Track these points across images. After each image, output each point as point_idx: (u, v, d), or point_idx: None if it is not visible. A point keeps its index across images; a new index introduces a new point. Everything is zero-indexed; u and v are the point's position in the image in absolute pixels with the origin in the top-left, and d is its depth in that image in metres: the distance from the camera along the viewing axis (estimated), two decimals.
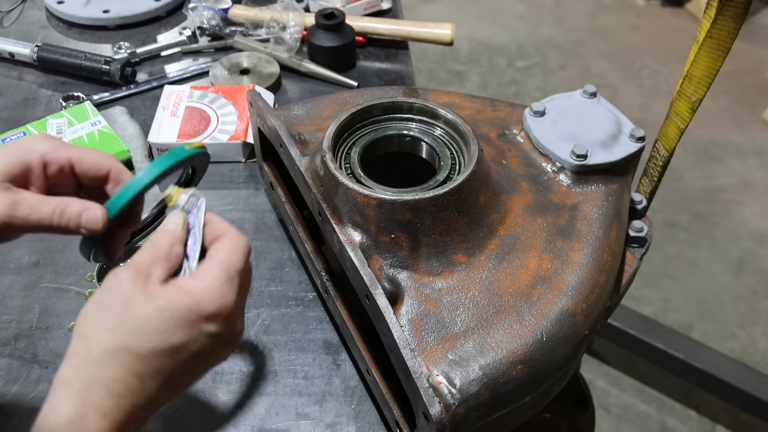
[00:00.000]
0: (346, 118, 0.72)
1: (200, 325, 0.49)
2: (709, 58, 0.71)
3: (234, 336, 0.52)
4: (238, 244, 0.53)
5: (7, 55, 1.13)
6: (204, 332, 0.49)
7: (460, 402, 0.57)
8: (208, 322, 0.49)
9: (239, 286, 0.52)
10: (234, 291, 0.51)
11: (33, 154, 0.55)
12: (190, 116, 0.99)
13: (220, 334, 0.50)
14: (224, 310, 0.50)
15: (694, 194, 2.31)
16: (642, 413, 1.76)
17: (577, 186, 0.75)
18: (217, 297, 0.50)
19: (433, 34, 1.17)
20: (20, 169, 0.54)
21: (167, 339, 0.47)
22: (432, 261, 0.65)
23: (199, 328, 0.49)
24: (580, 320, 0.64)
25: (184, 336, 0.48)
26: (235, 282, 0.51)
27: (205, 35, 1.20)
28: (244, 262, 0.53)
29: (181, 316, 0.48)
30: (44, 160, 0.55)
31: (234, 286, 0.51)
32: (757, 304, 2.00)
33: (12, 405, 0.71)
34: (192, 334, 0.48)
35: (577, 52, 2.91)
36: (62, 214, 0.54)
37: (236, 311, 0.51)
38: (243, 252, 0.53)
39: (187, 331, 0.48)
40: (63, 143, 0.57)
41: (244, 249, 0.53)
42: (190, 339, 0.48)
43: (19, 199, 0.53)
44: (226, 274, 0.51)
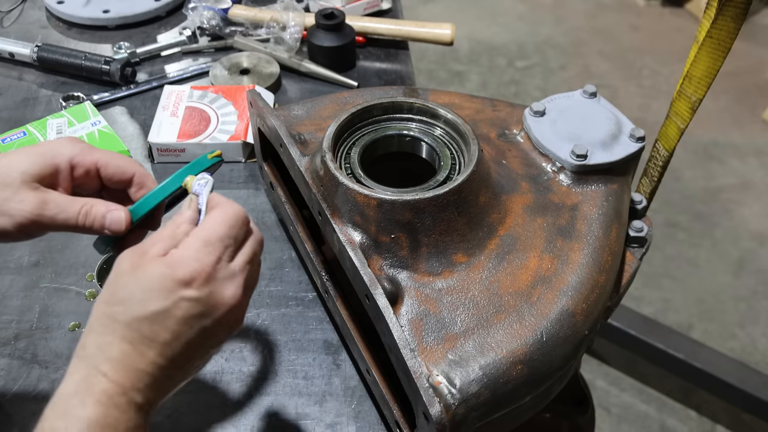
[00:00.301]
0: (346, 118, 0.72)
1: (177, 291, 0.49)
2: (709, 58, 0.71)
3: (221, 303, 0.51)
4: (221, 213, 0.54)
5: (7, 55, 1.13)
6: (183, 297, 0.49)
7: (460, 402, 0.57)
8: (186, 287, 0.50)
9: (220, 251, 0.52)
10: (211, 255, 0.51)
11: (62, 156, 0.58)
12: (190, 116, 0.99)
13: (200, 299, 0.50)
14: (199, 274, 0.50)
15: (694, 194, 2.31)
16: (642, 413, 1.76)
17: (577, 186, 0.75)
18: (190, 261, 0.50)
19: (433, 34, 1.17)
20: (49, 170, 0.57)
21: (146, 306, 0.49)
22: (432, 261, 0.65)
23: (177, 294, 0.49)
24: (580, 320, 0.64)
25: (163, 302, 0.49)
26: (214, 247, 0.51)
27: (205, 35, 1.20)
28: (226, 228, 0.53)
29: (157, 283, 0.49)
30: (72, 162, 0.58)
31: (211, 251, 0.51)
32: (757, 304, 2.00)
33: (12, 405, 0.71)
34: (171, 300, 0.49)
35: (577, 52, 2.91)
36: (87, 215, 0.57)
37: (215, 275, 0.51)
38: (225, 220, 0.53)
39: (165, 297, 0.49)
40: (90, 147, 0.60)
41: (228, 216, 0.53)
42: (170, 305, 0.49)
43: (47, 198, 0.56)
44: (202, 240, 0.52)
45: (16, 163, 0.56)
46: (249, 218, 0.56)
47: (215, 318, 0.51)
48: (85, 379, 0.48)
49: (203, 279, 0.50)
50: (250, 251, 0.55)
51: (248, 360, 0.76)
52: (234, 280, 0.52)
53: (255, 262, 0.56)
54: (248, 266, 0.54)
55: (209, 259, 0.51)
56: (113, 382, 0.48)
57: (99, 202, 0.58)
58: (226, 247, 0.52)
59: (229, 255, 0.53)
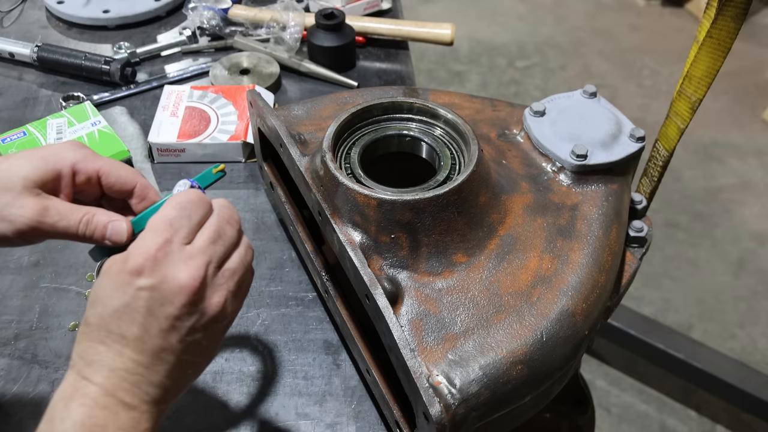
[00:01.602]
0: (346, 118, 0.72)
1: (132, 282, 0.49)
2: (709, 58, 0.71)
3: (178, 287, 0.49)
4: (170, 200, 0.53)
5: (7, 55, 1.13)
6: (138, 287, 0.49)
7: (460, 402, 0.57)
8: (138, 276, 0.49)
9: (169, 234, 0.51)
10: (157, 240, 0.50)
11: (64, 161, 0.57)
12: (190, 116, 0.99)
13: (154, 286, 0.49)
14: (146, 260, 0.49)
15: (694, 194, 2.31)
16: (642, 413, 1.76)
17: (577, 186, 0.75)
18: (138, 249, 0.50)
19: (433, 34, 1.17)
20: (51, 175, 0.56)
21: (109, 303, 0.49)
22: (432, 261, 0.65)
23: (132, 285, 0.49)
24: (580, 320, 0.64)
25: (123, 296, 0.49)
26: (160, 231, 0.51)
27: (205, 35, 1.20)
28: (175, 211, 0.52)
29: (115, 279, 0.49)
30: (74, 168, 0.58)
31: (158, 236, 0.50)
32: (757, 304, 2.00)
33: (12, 405, 0.71)
34: (129, 293, 0.49)
35: (577, 52, 2.91)
36: (89, 224, 0.56)
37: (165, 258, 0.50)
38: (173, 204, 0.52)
39: (124, 291, 0.49)
40: (93, 154, 0.59)
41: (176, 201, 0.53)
42: (129, 298, 0.49)
43: (49, 205, 0.55)
44: (150, 225, 0.51)
45: (18, 168, 0.55)
46: (206, 200, 0.54)
47: (178, 304, 0.49)
48: (70, 385, 0.49)
49: (151, 264, 0.49)
50: (210, 230, 0.53)
51: (248, 360, 0.76)
52: (191, 260, 0.50)
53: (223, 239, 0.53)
54: (212, 245, 0.52)
55: (155, 244, 0.50)
56: (95, 384, 0.48)
57: (101, 211, 0.57)
58: (177, 229, 0.51)
59: (183, 236, 0.51)
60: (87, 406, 0.47)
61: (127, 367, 0.49)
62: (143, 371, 0.49)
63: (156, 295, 0.49)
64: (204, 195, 0.55)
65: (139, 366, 0.49)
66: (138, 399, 0.49)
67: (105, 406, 0.48)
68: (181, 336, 0.50)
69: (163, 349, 0.50)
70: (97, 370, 0.48)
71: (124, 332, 0.49)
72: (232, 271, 0.53)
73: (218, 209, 0.55)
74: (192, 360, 0.52)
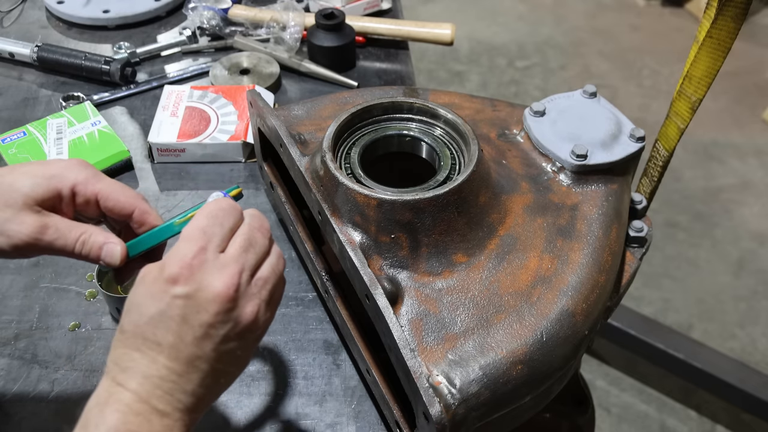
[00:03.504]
0: (346, 118, 0.72)
1: (168, 290, 0.49)
2: (709, 58, 0.71)
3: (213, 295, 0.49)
4: (202, 209, 0.53)
5: (7, 55, 1.13)
6: (173, 295, 0.49)
7: (460, 402, 0.57)
8: (173, 284, 0.49)
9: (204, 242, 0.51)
10: (192, 247, 0.50)
11: (65, 181, 0.58)
12: (190, 116, 0.99)
13: (189, 294, 0.49)
14: (182, 268, 0.49)
15: (694, 194, 2.31)
16: (642, 413, 1.76)
17: (577, 186, 0.75)
18: (173, 257, 0.50)
19: (433, 34, 1.17)
20: (52, 194, 0.57)
21: (144, 311, 0.50)
22: (432, 261, 0.65)
23: (168, 293, 0.49)
24: (580, 320, 0.64)
25: (158, 304, 0.49)
26: (195, 239, 0.51)
27: (205, 35, 1.20)
28: (207, 219, 0.52)
29: (150, 287, 0.50)
30: (74, 189, 0.58)
31: (193, 244, 0.50)
32: (757, 304, 2.00)
33: (12, 405, 0.71)
34: (165, 300, 0.49)
35: (577, 52, 2.91)
36: (85, 244, 0.57)
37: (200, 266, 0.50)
38: (206, 213, 0.53)
39: (159, 299, 0.49)
40: (96, 175, 0.59)
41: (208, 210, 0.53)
42: (165, 306, 0.49)
43: (48, 223, 0.56)
44: (183, 237, 0.51)
45: (20, 184, 0.56)
46: (238, 208, 0.54)
47: (213, 312, 0.50)
48: (105, 391, 0.49)
49: (188, 272, 0.50)
50: (242, 238, 0.53)
51: None
52: (226, 269, 0.51)
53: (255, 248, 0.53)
54: (245, 254, 0.52)
55: (190, 252, 0.50)
56: (129, 390, 0.48)
57: (97, 231, 0.58)
58: (210, 237, 0.51)
59: (216, 245, 0.52)
60: (121, 411, 0.48)
61: (161, 375, 0.49)
62: (177, 378, 0.49)
63: (191, 303, 0.49)
64: (235, 203, 0.55)
65: (172, 373, 0.49)
66: (171, 407, 0.49)
67: (139, 412, 0.48)
68: (215, 344, 0.50)
69: (197, 357, 0.50)
70: (132, 377, 0.49)
71: (159, 339, 0.49)
72: (264, 280, 0.53)
73: (249, 218, 0.55)
74: (225, 369, 0.52)
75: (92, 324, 0.79)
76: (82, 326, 0.78)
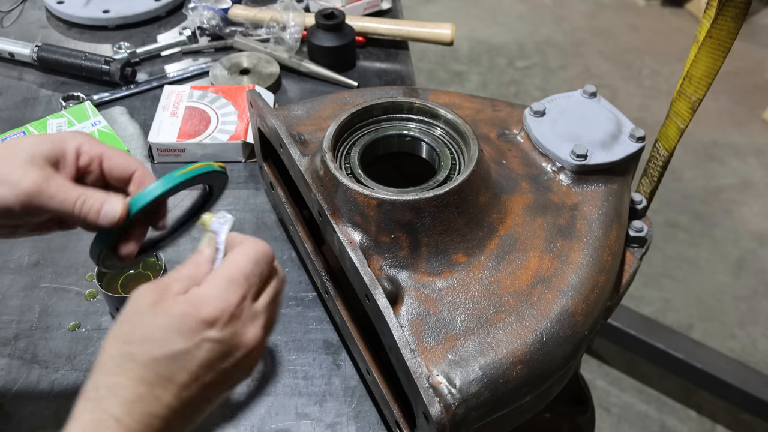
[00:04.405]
0: (346, 118, 0.72)
1: (201, 332, 0.48)
2: (709, 58, 0.71)
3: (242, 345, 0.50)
4: (246, 249, 0.53)
5: (7, 55, 1.13)
6: (206, 338, 0.48)
7: (460, 402, 0.57)
8: (209, 327, 0.49)
9: (245, 290, 0.51)
10: (236, 294, 0.50)
11: (69, 143, 0.58)
12: (190, 116, 0.99)
13: (223, 340, 0.49)
14: (222, 314, 0.49)
15: (694, 194, 2.31)
16: (642, 413, 1.76)
17: (577, 186, 0.75)
18: (214, 300, 0.49)
19: (433, 34, 1.17)
20: (56, 152, 0.57)
21: (168, 346, 0.48)
22: (432, 261, 0.65)
23: (200, 335, 0.48)
24: (580, 320, 0.64)
25: (185, 342, 0.48)
26: (239, 285, 0.50)
27: (205, 35, 1.20)
28: (252, 266, 0.52)
29: (180, 323, 0.48)
30: (78, 151, 0.58)
31: (236, 290, 0.50)
32: (757, 304, 2.00)
33: (12, 405, 0.71)
34: (194, 341, 0.48)
35: (577, 52, 2.91)
36: (85, 202, 0.56)
37: (240, 315, 0.50)
38: (250, 256, 0.52)
39: (188, 337, 0.48)
40: (97, 140, 0.60)
41: (253, 253, 0.52)
42: (192, 346, 0.48)
43: (51, 176, 0.56)
44: (226, 278, 0.51)
45: (25, 143, 0.57)
46: (274, 255, 0.55)
47: (235, 360, 0.50)
48: (93, 423, 0.46)
49: (227, 319, 0.49)
50: (273, 290, 0.54)
51: None
52: (256, 320, 0.52)
53: (278, 302, 0.55)
54: (271, 306, 0.53)
55: (234, 298, 0.50)
56: (125, 426, 0.46)
57: (98, 191, 0.57)
58: (251, 285, 0.51)
59: (254, 294, 0.52)
60: None
61: (162, 414, 0.47)
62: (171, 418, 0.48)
63: (220, 348, 0.49)
64: (270, 250, 0.54)
65: (171, 413, 0.48)
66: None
67: None
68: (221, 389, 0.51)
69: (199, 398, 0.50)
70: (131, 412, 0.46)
71: (172, 377, 0.48)
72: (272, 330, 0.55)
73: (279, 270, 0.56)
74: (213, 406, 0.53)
75: (92, 324, 0.79)
76: (82, 326, 0.78)
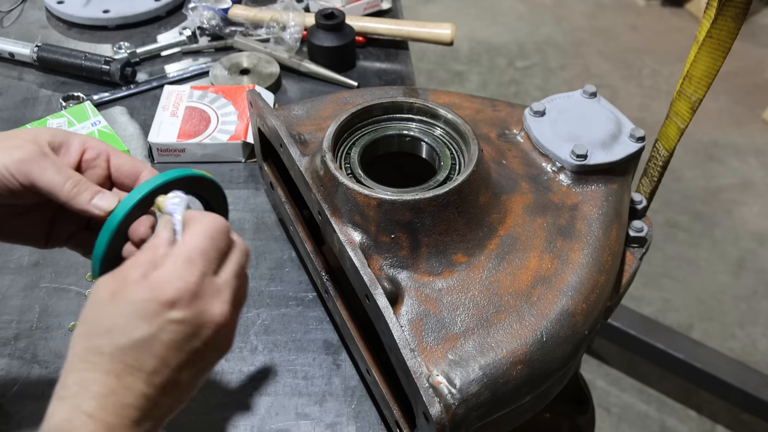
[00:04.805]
0: (346, 118, 0.72)
1: (164, 314, 0.47)
2: (709, 58, 0.71)
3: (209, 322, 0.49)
4: (200, 226, 0.51)
5: (7, 55, 1.13)
6: (169, 319, 0.47)
7: (460, 402, 0.57)
8: (171, 308, 0.47)
9: (204, 266, 0.49)
10: (195, 272, 0.49)
11: (76, 137, 0.58)
12: (190, 116, 0.99)
13: (187, 320, 0.48)
14: (184, 293, 0.48)
15: (694, 194, 2.31)
16: (642, 413, 1.76)
17: (577, 186, 0.75)
18: (173, 281, 0.48)
19: (433, 34, 1.17)
20: (59, 139, 0.57)
21: (132, 333, 0.47)
22: (432, 261, 0.65)
23: (163, 317, 0.47)
24: (580, 320, 0.64)
25: (149, 327, 0.47)
26: (196, 263, 0.49)
27: (205, 35, 1.20)
28: (208, 241, 0.50)
29: (142, 308, 0.47)
30: (84, 146, 0.58)
31: (195, 268, 0.49)
32: (757, 304, 2.00)
33: (12, 405, 0.71)
34: (157, 324, 0.47)
35: (577, 52, 2.91)
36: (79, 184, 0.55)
37: (202, 292, 0.49)
38: (205, 232, 0.51)
39: (151, 322, 0.47)
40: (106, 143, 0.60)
41: (207, 228, 0.51)
42: (156, 329, 0.47)
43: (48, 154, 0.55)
44: (183, 258, 0.49)
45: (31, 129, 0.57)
46: (230, 228, 0.53)
47: (204, 338, 0.49)
48: (66, 422, 0.45)
49: (189, 297, 0.48)
50: (235, 264, 0.52)
51: (248, 360, 0.76)
52: (221, 295, 0.50)
53: (242, 276, 0.53)
54: (235, 280, 0.51)
55: (193, 277, 0.48)
56: (99, 421, 0.45)
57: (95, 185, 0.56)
58: (210, 260, 0.50)
59: (214, 269, 0.50)
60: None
61: (136, 403, 0.46)
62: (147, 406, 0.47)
63: (186, 328, 0.48)
64: (227, 223, 0.53)
65: (146, 401, 0.47)
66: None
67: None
68: (197, 370, 0.50)
69: (173, 382, 0.48)
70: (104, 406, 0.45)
71: (141, 365, 0.47)
72: (242, 305, 0.53)
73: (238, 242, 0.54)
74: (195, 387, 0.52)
75: None
76: None
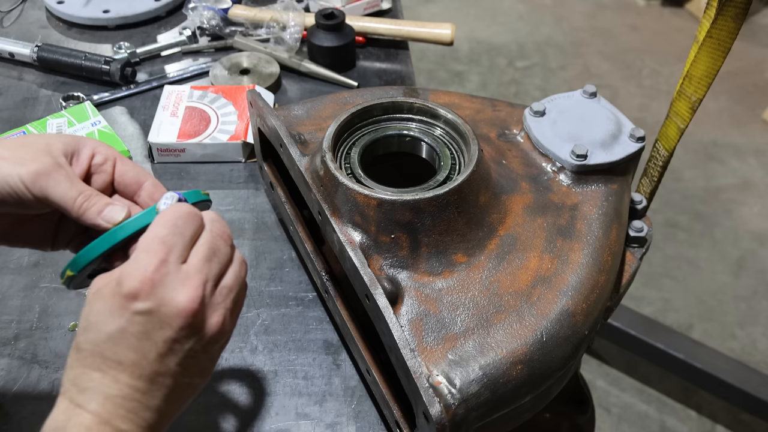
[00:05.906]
0: (346, 118, 0.72)
1: (128, 306, 0.47)
2: (709, 58, 0.71)
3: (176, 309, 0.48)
4: (160, 217, 0.51)
5: (7, 55, 1.13)
6: (134, 311, 0.47)
7: (460, 402, 0.57)
8: (134, 300, 0.47)
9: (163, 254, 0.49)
10: (152, 261, 0.48)
11: (87, 143, 0.58)
12: (190, 116, 0.99)
13: (151, 310, 0.47)
14: (143, 283, 0.47)
15: (694, 194, 2.31)
16: (642, 413, 1.76)
17: (577, 186, 0.75)
18: (133, 272, 0.48)
19: (433, 34, 1.17)
20: (72, 148, 0.57)
21: (103, 328, 0.48)
22: (432, 261, 0.65)
23: (128, 310, 0.47)
24: (580, 320, 0.64)
25: (118, 322, 0.47)
26: (154, 251, 0.48)
27: (205, 35, 1.20)
28: (167, 229, 0.50)
29: (110, 304, 0.48)
30: (94, 150, 0.58)
31: (153, 256, 0.48)
32: (757, 304, 2.00)
33: (12, 405, 0.71)
34: (125, 318, 0.47)
35: (577, 52, 2.91)
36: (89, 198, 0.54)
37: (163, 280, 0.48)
38: (164, 221, 0.50)
39: (119, 316, 0.47)
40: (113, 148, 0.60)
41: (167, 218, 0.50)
42: (125, 323, 0.47)
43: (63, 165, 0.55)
44: (142, 249, 0.49)
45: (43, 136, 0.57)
46: (198, 214, 0.52)
47: (177, 327, 0.48)
48: (62, 413, 0.47)
49: (148, 287, 0.47)
50: (205, 248, 0.51)
51: (248, 360, 0.76)
52: (189, 281, 0.49)
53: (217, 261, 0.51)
54: (208, 263, 0.50)
55: (151, 266, 0.48)
56: (89, 412, 0.46)
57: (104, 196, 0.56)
58: (170, 248, 0.49)
59: (178, 255, 0.49)
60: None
61: (124, 394, 0.47)
62: (140, 397, 0.48)
63: (153, 319, 0.48)
64: (194, 209, 0.52)
65: (136, 392, 0.47)
66: (134, 425, 0.48)
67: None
68: (179, 359, 0.49)
69: (161, 373, 0.48)
70: (92, 398, 0.47)
71: (120, 358, 0.47)
72: (229, 289, 0.52)
73: (209, 224, 0.53)
74: (190, 382, 0.51)
75: None
76: None
